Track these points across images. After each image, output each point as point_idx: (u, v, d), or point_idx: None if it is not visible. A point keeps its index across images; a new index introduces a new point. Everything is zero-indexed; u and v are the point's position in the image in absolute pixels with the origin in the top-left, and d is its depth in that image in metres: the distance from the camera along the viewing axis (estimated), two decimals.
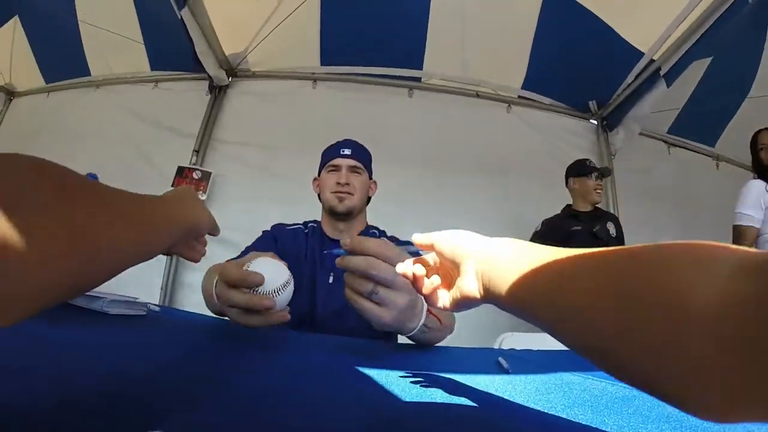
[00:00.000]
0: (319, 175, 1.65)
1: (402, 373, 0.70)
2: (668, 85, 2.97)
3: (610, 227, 2.85)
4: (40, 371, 0.44)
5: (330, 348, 0.89)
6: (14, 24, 3.63)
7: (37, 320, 0.62)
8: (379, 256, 0.74)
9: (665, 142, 3.65)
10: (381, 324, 0.78)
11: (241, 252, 1.40)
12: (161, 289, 3.13)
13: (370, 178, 1.65)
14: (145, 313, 0.99)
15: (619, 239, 2.91)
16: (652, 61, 3.02)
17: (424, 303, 0.89)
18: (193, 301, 3.08)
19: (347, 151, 1.57)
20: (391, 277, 0.74)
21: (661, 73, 2.96)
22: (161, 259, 3.24)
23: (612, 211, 3.35)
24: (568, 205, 2.95)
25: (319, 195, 1.63)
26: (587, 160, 2.92)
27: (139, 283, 3.05)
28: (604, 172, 2.87)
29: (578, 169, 2.89)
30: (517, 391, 0.67)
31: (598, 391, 0.73)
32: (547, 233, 2.89)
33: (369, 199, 1.66)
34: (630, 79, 3.22)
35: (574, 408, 0.60)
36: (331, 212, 1.56)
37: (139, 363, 0.58)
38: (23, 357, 0.43)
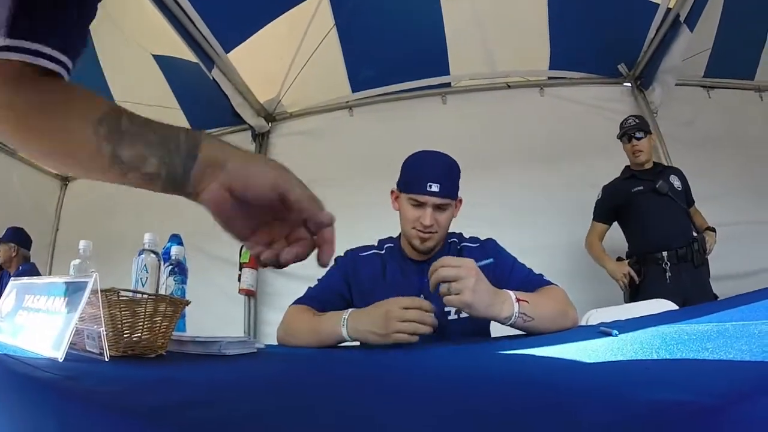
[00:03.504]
0: (398, 189, 1.46)
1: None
2: (692, 30, 2.98)
3: (674, 180, 2.78)
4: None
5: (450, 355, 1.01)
6: None
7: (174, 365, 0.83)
8: (443, 264, 1.08)
9: (703, 86, 3.63)
10: (468, 305, 1.05)
11: (315, 286, 1.48)
12: (245, 329, 3.04)
13: (456, 198, 1.44)
14: (256, 350, 1.09)
15: (686, 191, 2.83)
16: (668, 9, 3.04)
17: (511, 293, 1.11)
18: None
19: (435, 188, 1.33)
20: (452, 273, 1.06)
21: (681, 19, 2.97)
22: (240, 300, 3.17)
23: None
24: (627, 167, 2.89)
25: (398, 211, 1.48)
26: (625, 120, 2.88)
27: (226, 322, 2.98)
28: (630, 132, 2.79)
29: (619, 134, 2.88)
30: (628, 347, 0.76)
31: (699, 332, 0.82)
32: (608, 198, 2.84)
33: None
34: (652, 33, 3.25)
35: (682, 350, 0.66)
36: (411, 244, 1.45)
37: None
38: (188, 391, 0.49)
